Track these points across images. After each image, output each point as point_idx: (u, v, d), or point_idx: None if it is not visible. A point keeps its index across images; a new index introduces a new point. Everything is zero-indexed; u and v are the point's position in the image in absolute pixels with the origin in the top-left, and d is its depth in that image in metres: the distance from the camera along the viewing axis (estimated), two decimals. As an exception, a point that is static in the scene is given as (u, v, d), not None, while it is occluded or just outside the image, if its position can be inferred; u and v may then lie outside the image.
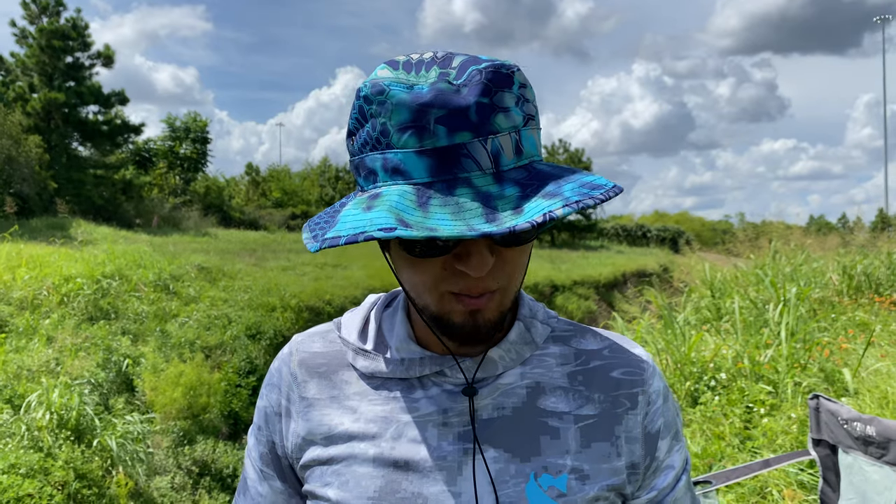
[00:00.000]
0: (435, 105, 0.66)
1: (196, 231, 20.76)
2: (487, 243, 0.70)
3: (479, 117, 0.67)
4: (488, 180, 0.67)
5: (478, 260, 0.69)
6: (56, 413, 5.90)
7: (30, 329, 7.78)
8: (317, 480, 0.82)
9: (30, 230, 14.26)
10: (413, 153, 0.67)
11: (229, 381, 8.51)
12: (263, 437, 0.89)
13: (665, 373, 5.65)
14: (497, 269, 0.72)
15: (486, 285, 0.71)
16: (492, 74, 0.68)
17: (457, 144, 0.66)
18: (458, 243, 0.70)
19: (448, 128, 0.66)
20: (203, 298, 10.49)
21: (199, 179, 28.29)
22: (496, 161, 0.67)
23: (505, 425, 0.79)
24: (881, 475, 2.29)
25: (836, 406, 2.41)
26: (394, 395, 0.81)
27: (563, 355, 0.85)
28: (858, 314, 7.01)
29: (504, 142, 0.68)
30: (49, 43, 21.08)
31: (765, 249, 10.51)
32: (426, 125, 0.66)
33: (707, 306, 8.16)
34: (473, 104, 0.66)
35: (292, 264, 14.67)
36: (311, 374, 0.86)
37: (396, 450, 0.78)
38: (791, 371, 4.97)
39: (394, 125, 0.68)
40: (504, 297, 0.74)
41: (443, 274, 0.71)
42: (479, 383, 0.80)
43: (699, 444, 4.43)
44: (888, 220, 34.41)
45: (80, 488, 5.49)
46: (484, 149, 0.67)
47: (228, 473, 7.24)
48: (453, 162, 0.66)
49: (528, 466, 0.77)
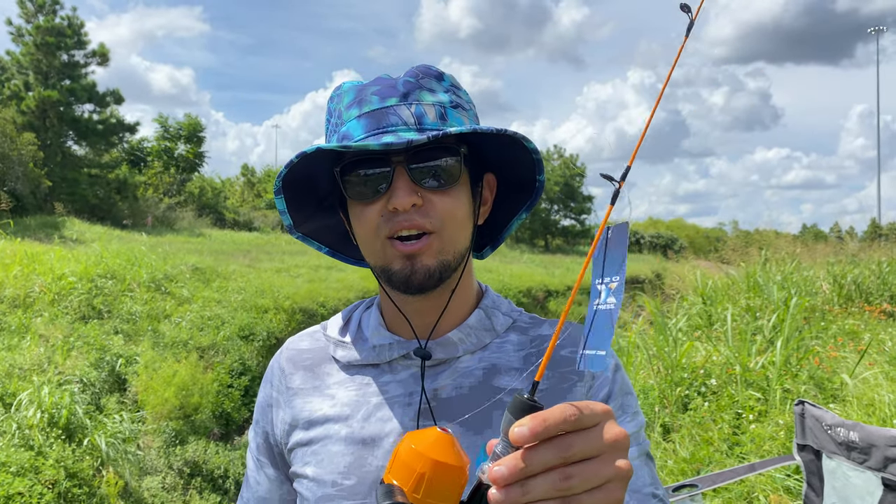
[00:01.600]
0: (374, 84, 0.85)
1: (190, 231, 20.73)
2: (410, 183, 0.81)
3: (406, 90, 0.84)
4: (411, 133, 0.81)
5: (402, 193, 0.80)
6: (47, 412, 5.89)
7: (22, 327, 7.76)
8: (299, 461, 0.90)
9: (23, 228, 14.21)
10: (355, 119, 0.83)
11: (221, 381, 8.50)
12: (259, 429, 0.98)
13: (656, 378, 5.69)
14: (427, 210, 0.82)
15: (416, 222, 0.81)
16: (423, 69, 0.87)
17: (386, 106, 0.82)
18: (389, 186, 0.81)
19: (380, 96, 0.83)
20: (196, 299, 10.48)
21: (194, 180, 28.22)
22: (419, 120, 0.82)
23: (463, 402, 0.87)
24: (863, 480, 2.33)
25: (821, 412, 2.45)
26: (366, 380, 0.91)
27: (521, 342, 0.93)
28: (849, 323, 7.08)
29: (427, 109, 0.83)
30: (44, 41, 21.03)
31: (755, 258, 10.58)
32: (364, 97, 0.84)
33: (699, 313, 8.21)
34: (402, 82, 0.85)
35: (286, 266, 14.66)
36: (297, 368, 0.96)
37: (365, 429, 0.87)
38: (781, 378, 5.01)
39: (344, 106, 0.86)
40: (442, 244, 0.83)
41: (379, 220, 0.83)
42: (440, 365, 0.89)
43: (688, 449, 4.47)
44: (880, 229, 34.61)
45: (71, 487, 5.48)
46: (408, 110, 0.82)
47: (220, 474, 7.23)
48: (382, 118, 0.82)
49: (480, 438, 0.84)
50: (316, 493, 0.86)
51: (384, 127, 0.81)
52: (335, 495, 0.85)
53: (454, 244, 0.84)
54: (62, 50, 21.59)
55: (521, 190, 0.94)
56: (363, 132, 0.82)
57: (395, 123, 0.81)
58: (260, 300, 11.00)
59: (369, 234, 0.84)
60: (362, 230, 0.85)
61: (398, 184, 0.81)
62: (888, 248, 11.68)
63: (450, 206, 0.83)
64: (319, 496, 0.86)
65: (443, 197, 0.83)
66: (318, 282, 13.29)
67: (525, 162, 0.88)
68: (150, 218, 21.19)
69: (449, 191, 0.83)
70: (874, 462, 2.29)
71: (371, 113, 0.82)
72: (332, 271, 14.42)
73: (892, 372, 4.96)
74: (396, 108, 0.82)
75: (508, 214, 0.96)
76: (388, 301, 0.91)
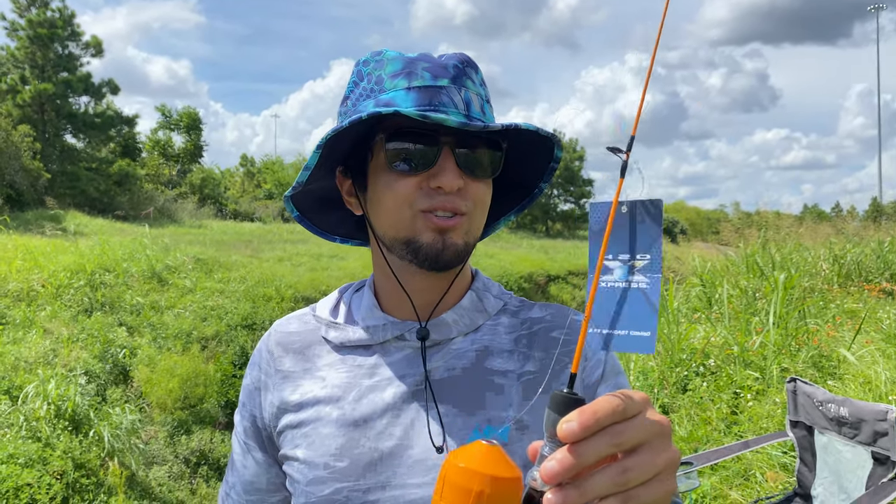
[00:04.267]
0: (422, 60, 0.84)
1: (191, 223, 20.76)
2: (456, 167, 0.82)
3: (455, 73, 0.84)
4: (460, 116, 0.81)
5: (451, 175, 0.81)
6: (53, 404, 5.95)
7: (26, 321, 7.82)
8: (289, 444, 0.90)
9: (24, 222, 14.25)
10: (402, 90, 0.82)
11: (225, 371, 8.57)
12: (246, 412, 0.97)
13: (656, 360, 5.74)
14: (466, 194, 0.83)
15: (456, 205, 0.82)
16: (464, 57, 0.87)
17: (438, 85, 0.82)
18: (435, 163, 0.82)
19: (432, 74, 0.83)
20: (199, 289, 10.52)
21: (194, 171, 28.22)
22: (468, 106, 0.83)
23: (455, 384, 0.87)
24: (854, 454, 2.37)
25: (812, 388, 2.49)
26: (358, 362, 0.90)
27: (512, 324, 0.93)
28: (847, 302, 7.11)
29: (473, 98, 0.85)
30: (37, 33, 20.98)
31: (754, 239, 10.60)
32: (414, 70, 0.83)
33: (698, 295, 8.25)
34: (451, 65, 0.85)
35: (288, 255, 14.69)
36: (286, 351, 0.95)
37: (357, 410, 0.87)
38: (778, 357, 5.06)
39: (387, 73, 0.84)
40: (470, 226, 0.85)
41: (417, 193, 0.82)
42: (433, 347, 0.89)
43: (686, 429, 4.52)
44: (882, 209, 34.49)
45: (79, 477, 5.55)
46: (458, 94, 0.83)
47: (225, 462, 7.30)
48: (434, 96, 0.82)
49: (474, 419, 0.85)
50: (307, 475, 0.85)
51: (435, 105, 0.81)
52: (327, 477, 0.84)
53: (478, 229, 0.87)
54: (56, 42, 21.53)
55: (518, 192, 0.97)
56: (412, 105, 0.81)
57: (446, 104, 0.81)
58: (262, 289, 11.05)
59: (401, 204, 0.83)
60: (392, 200, 0.83)
61: (447, 165, 0.81)
62: (889, 227, 11.68)
63: (482, 194, 0.85)
64: (311, 478, 0.85)
65: (479, 184, 0.84)
66: (319, 270, 13.34)
67: (537, 166, 0.91)
68: (152, 210, 21.21)
69: (485, 180, 0.85)
70: (864, 436, 2.33)
71: (423, 88, 0.82)
72: (333, 260, 14.46)
73: (889, 349, 5.00)
74: (448, 89, 0.82)
75: (500, 211, 0.99)
76: (387, 279, 0.90)
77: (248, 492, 0.97)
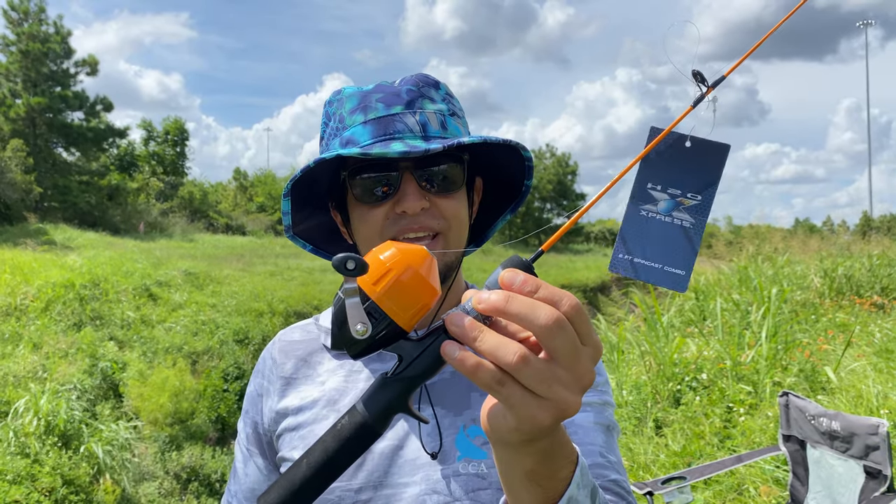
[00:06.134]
0: (376, 91, 0.89)
1: (182, 236, 20.70)
2: (419, 189, 0.85)
3: (409, 98, 0.88)
4: (418, 140, 0.85)
5: (412, 198, 0.84)
6: (43, 419, 5.90)
7: (15, 335, 7.76)
8: (287, 446, 0.93)
9: (13, 236, 14.17)
10: (360, 125, 0.87)
11: (216, 386, 8.51)
12: (249, 419, 1.01)
13: (648, 374, 5.74)
14: (434, 212, 0.86)
15: (425, 223, 0.85)
16: (422, 77, 0.91)
17: (392, 114, 0.86)
18: (398, 190, 0.85)
19: (385, 104, 0.87)
20: (190, 304, 10.48)
21: (185, 184, 28.17)
22: (424, 128, 0.86)
23: (444, 386, 0.92)
24: (846, 468, 2.38)
25: (804, 402, 2.49)
26: (356, 367, 0.95)
27: None
28: (839, 316, 7.14)
29: (430, 117, 0.87)
30: (28, 47, 21.00)
31: (745, 253, 10.66)
32: (369, 103, 0.88)
33: (691, 309, 8.26)
34: (405, 90, 0.88)
35: (280, 269, 14.66)
36: (288, 358, 0.99)
37: None
38: (771, 371, 5.07)
39: (347, 111, 0.89)
40: (447, 242, 0.88)
41: (385, 222, 0.86)
42: None
43: (679, 443, 4.51)
44: (872, 222, 34.75)
45: (68, 494, 5.49)
46: (413, 118, 0.86)
47: (216, 478, 7.24)
48: (389, 125, 0.86)
49: (460, 419, 0.89)
50: None
51: (391, 133, 0.85)
52: None
53: (460, 242, 0.89)
54: (49, 59, 21.56)
55: (507, 192, 0.99)
56: (369, 138, 0.85)
57: (401, 130, 0.85)
58: (254, 304, 11.01)
59: (373, 234, 0.87)
60: (367, 230, 0.88)
61: (407, 189, 0.84)
62: (879, 241, 11.77)
63: (455, 209, 0.88)
64: None
65: (448, 200, 0.87)
66: (311, 284, 13.31)
67: (516, 167, 0.93)
68: (143, 224, 21.14)
69: (453, 194, 0.88)
70: (856, 450, 2.34)
71: (377, 119, 0.86)
72: (325, 274, 14.44)
73: (880, 363, 5.02)
74: (402, 115, 0.86)
75: (493, 215, 1.01)
76: None
77: (250, 499, 1.00)
